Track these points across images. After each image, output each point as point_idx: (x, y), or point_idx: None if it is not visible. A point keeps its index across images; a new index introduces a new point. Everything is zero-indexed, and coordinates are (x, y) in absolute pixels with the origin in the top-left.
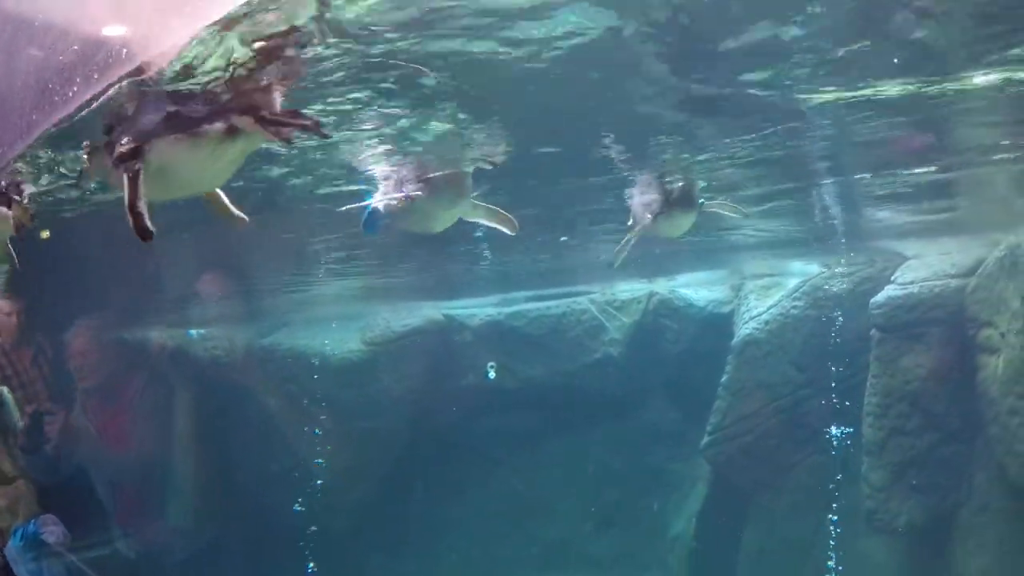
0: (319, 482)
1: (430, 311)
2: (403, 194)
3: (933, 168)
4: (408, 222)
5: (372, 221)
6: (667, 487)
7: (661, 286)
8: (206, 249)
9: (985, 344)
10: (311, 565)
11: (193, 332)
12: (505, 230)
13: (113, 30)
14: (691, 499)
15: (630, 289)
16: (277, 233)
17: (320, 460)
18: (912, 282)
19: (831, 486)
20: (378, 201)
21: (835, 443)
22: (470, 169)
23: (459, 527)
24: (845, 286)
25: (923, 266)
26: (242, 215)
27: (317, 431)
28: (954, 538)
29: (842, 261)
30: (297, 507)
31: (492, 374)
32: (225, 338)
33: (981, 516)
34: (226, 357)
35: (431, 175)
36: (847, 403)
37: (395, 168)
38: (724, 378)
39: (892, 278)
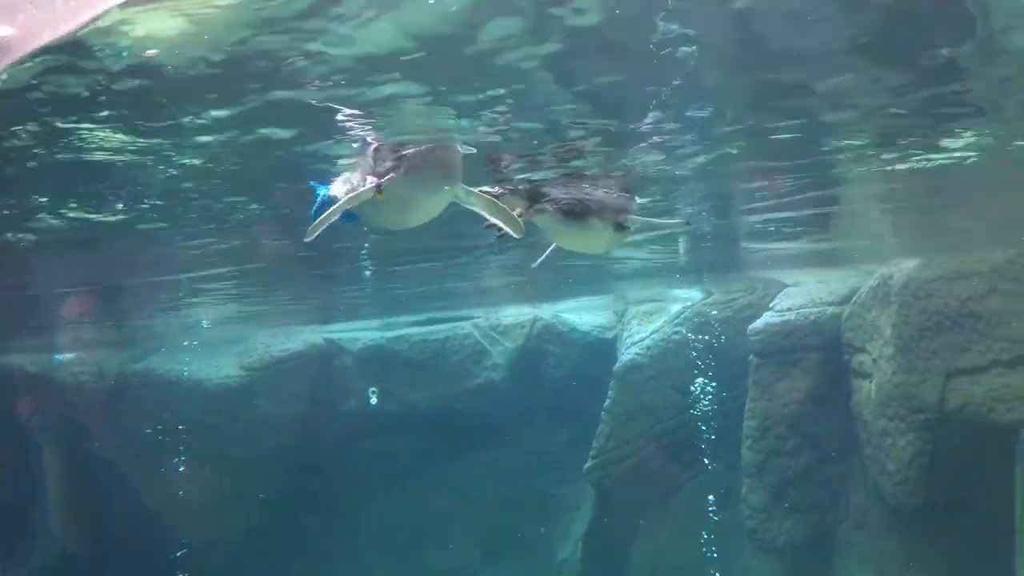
0: (195, 515)
1: (310, 335)
2: (372, 181)
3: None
4: (378, 214)
5: (322, 211)
6: (554, 511)
7: (545, 311)
8: (76, 272)
9: (859, 369)
10: None
11: (59, 357)
12: (510, 231)
13: None
14: (578, 523)
15: (514, 314)
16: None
17: (196, 491)
18: (789, 309)
19: (713, 507)
20: (338, 188)
21: (716, 465)
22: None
23: (344, 557)
24: (726, 312)
25: (800, 293)
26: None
27: (192, 460)
28: (834, 554)
29: (724, 288)
30: (171, 541)
31: (374, 399)
32: (93, 363)
33: (859, 533)
34: (94, 383)
35: (406, 151)
36: (728, 426)
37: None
38: (607, 402)
39: (770, 305)
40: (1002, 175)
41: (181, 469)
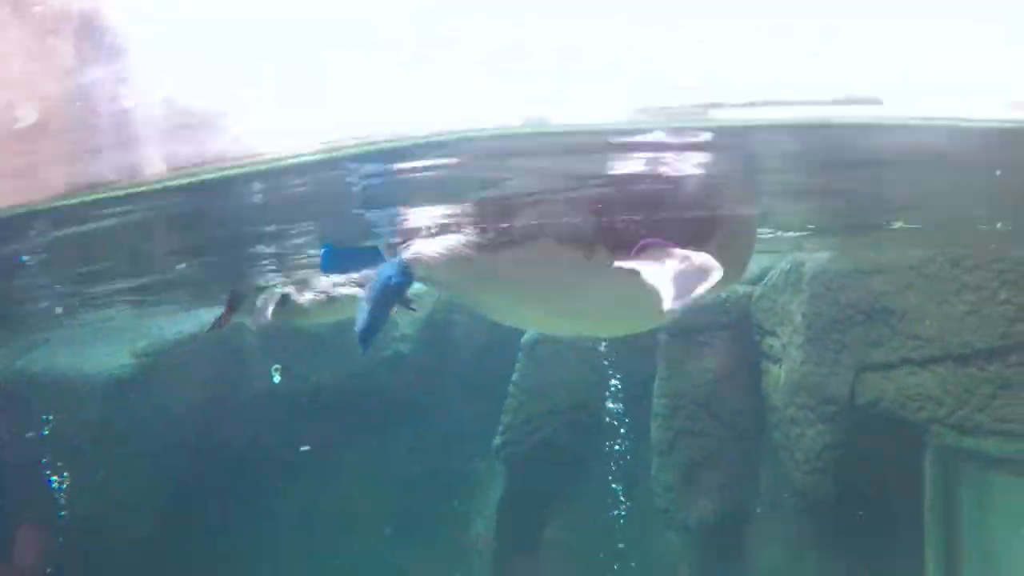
0: (90, 522)
1: (205, 314)
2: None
3: None
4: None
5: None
6: (468, 487)
7: None
8: None
9: (769, 352)
10: None
11: None
12: None
13: None
14: (490, 498)
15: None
16: None
17: (89, 496)
18: None
19: (625, 484)
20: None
21: (629, 443)
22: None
23: (257, 547)
24: None
25: None
26: None
27: (84, 462)
28: (746, 533)
29: None
30: (65, 549)
31: (277, 378)
32: None
33: (771, 512)
34: None
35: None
36: (640, 404)
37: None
38: (515, 376)
39: None
40: None
41: (70, 473)
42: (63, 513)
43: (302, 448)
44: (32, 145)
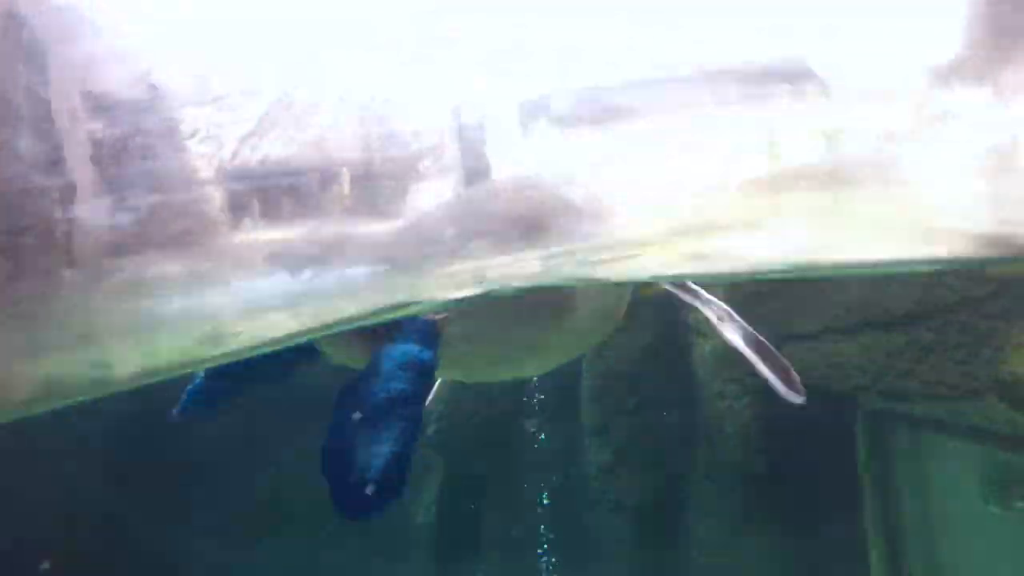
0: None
1: None
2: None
3: None
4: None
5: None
6: (411, 476)
7: None
8: None
9: (696, 327)
10: None
11: None
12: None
13: None
14: (432, 488)
15: None
16: None
17: None
18: None
19: (562, 464)
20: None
21: (562, 425)
22: None
23: (191, 549)
24: None
25: None
26: None
27: None
28: (684, 509)
29: None
30: None
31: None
32: None
33: (705, 486)
34: None
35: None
36: (571, 384)
37: None
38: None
39: None
40: None
41: None
42: None
43: (231, 442)
44: None
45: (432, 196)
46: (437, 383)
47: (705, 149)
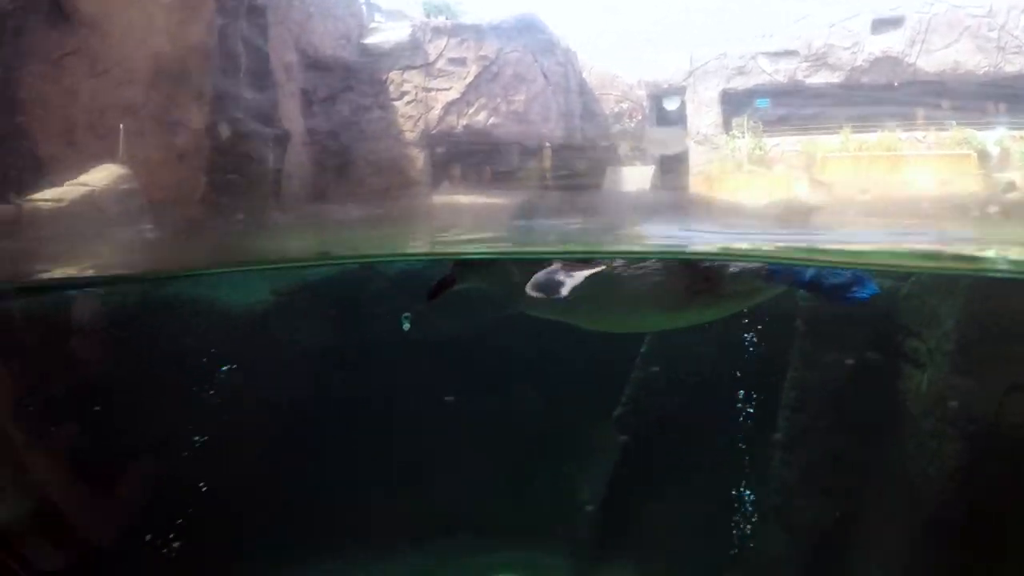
0: (208, 446)
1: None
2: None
3: None
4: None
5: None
6: (576, 452)
7: None
8: None
9: (912, 356)
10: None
11: (73, 291)
12: None
13: None
14: (601, 467)
15: None
16: None
17: (216, 418)
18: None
19: (740, 472)
20: None
21: (749, 430)
22: None
23: (364, 484)
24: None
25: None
26: None
27: (216, 387)
28: (857, 543)
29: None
30: (188, 471)
31: (407, 325)
32: (119, 291)
33: (887, 526)
34: (122, 308)
35: None
36: (765, 391)
37: None
38: (643, 348)
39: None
40: None
41: (201, 402)
42: (190, 437)
43: (424, 396)
44: (174, 89)
45: (629, 180)
46: None
47: None
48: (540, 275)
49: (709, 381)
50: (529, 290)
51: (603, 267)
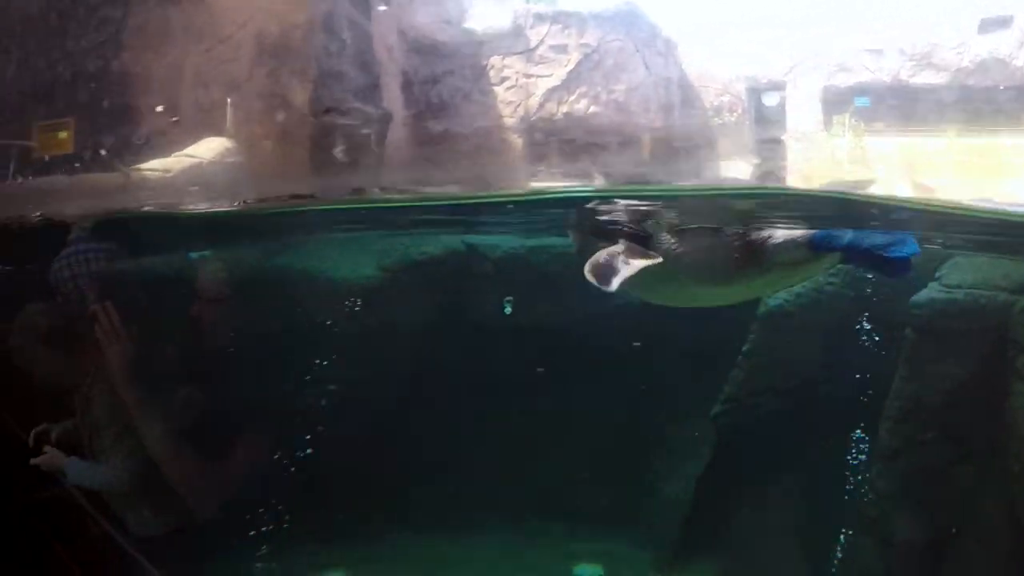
0: (317, 413)
1: (450, 239)
2: None
3: None
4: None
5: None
6: (667, 447)
7: None
8: None
9: (1023, 372)
10: (284, 510)
11: (193, 254)
12: None
13: None
14: (690, 463)
15: None
16: None
17: (323, 390)
18: (959, 286)
19: (835, 481)
20: None
21: (847, 438)
22: None
23: (453, 463)
24: None
25: (971, 268)
26: None
27: (323, 360)
28: (951, 560)
29: None
30: (295, 444)
31: (508, 309)
32: (230, 259)
33: (984, 545)
34: (230, 280)
35: None
36: (866, 399)
37: None
38: (746, 347)
39: (937, 275)
40: None
41: (311, 369)
42: (293, 404)
43: (513, 379)
44: (277, 66)
45: (725, 176)
46: None
47: None
48: (601, 256)
49: (812, 386)
50: (586, 271)
51: (660, 259)
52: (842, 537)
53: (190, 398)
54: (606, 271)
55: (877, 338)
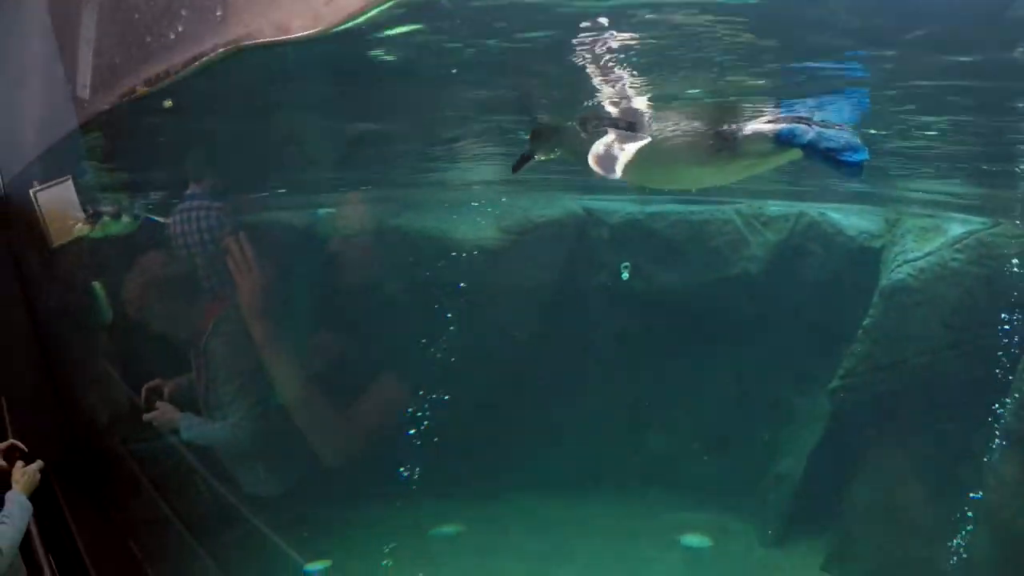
0: (437, 372)
1: (569, 203)
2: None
3: None
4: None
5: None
6: (781, 420)
7: (812, 208)
8: None
9: None
10: (404, 465)
11: (321, 211)
12: None
13: None
14: (803, 438)
15: (779, 205)
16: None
17: (442, 347)
18: None
19: (954, 461)
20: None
21: (970, 418)
22: None
23: (568, 427)
24: (1014, 249)
25: None
26: None
27: (443, 317)
28: None
29: (1017, 221)
30: (416, 402)
31: (626, 274)
32: (355, 217)
33: None
34: (356, 236)
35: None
36: (992, 378)
37: None
38: (867, 321)
39: None
40: None
41: (430, 325)
42: (417, 359)
43: (630, 344)
44: None
45: None
46: None
47: None
48: (599, 148)
49: (934, 366)
50: (591, 163)
51: (649, 139)
52: (955, 522)
53: (323, 344)
54: (607, 159)
55: (1006, 323)
